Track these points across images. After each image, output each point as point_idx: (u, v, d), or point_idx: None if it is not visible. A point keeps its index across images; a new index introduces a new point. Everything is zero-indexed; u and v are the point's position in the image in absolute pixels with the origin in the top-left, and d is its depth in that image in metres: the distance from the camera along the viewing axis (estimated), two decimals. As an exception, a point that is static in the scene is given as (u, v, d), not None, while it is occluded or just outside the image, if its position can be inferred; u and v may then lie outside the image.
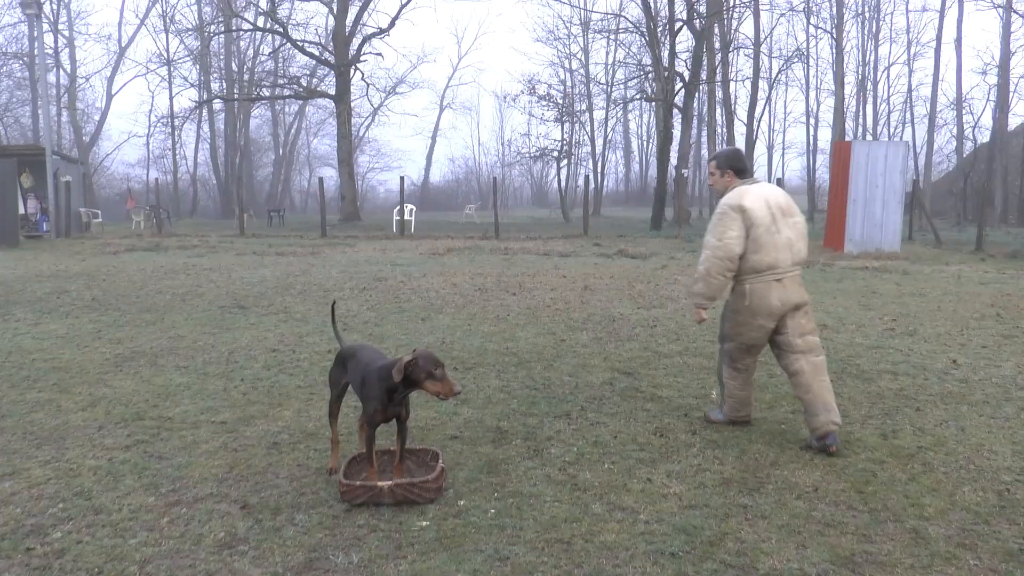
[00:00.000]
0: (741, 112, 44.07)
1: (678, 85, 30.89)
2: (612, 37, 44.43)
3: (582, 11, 45.00)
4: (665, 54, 30.27)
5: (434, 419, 5.40)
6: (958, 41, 39.72)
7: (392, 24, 36.01)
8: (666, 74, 29.95)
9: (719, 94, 36.04)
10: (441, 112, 69.41)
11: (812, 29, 47.14)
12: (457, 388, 3.96)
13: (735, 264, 5.03)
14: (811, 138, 52.58)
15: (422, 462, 4.48)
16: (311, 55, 37.64)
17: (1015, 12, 35.83)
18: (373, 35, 36.60)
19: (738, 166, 5.27)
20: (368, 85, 41.62)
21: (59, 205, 23.92)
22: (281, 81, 42.38)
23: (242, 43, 50.36)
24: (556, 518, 3.85)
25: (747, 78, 41.67)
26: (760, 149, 51.39)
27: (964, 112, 42.88)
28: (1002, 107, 38.08)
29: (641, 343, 7.95)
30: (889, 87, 53.12)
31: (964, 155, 42.45)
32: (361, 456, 4.46)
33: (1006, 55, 38.45)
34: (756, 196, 5.05)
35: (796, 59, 45.93)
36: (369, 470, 4.14)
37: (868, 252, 18.33)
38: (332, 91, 37.22)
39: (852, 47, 49.28)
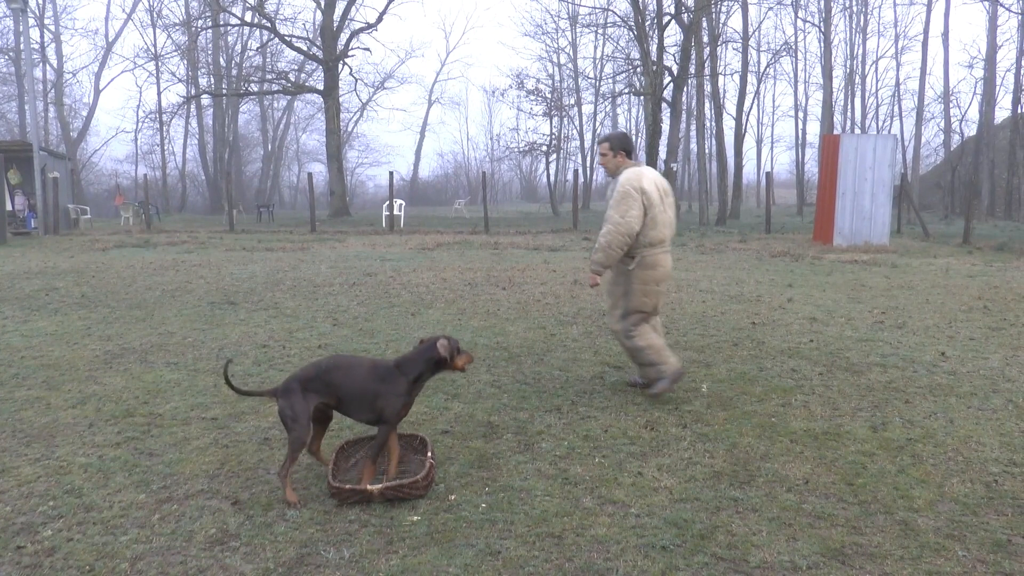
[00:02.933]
0: (730, 106, 44.20)
1: (666, 79, 30.89)
2: (600, 31, 44.47)
3: (570, 5, 44.90)
4: (653, 48, 30.26)
5: (425, 414, 5.40)
6: (945, 35, 39.87)
7: (380, 19, 35.88)
8: (654, 68, 29.95)
9: (708, 88, 36.06)
10: (430, 107, 69.50)
11: (800, 23, 47.34)
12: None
13: (632, 240, 5.65)
14: (800, 132, 52.83)
15: (409, 447, 4.50)
16: (299, 50, 37.48)
17: (1001, 5, 35.96)
18: (361, 30, 36.45)
19: (628, 148, 5.90)
20: (356, 80, 41.42)
21: (47, 201, 23.79)
22: (269, 76, 42.23)
23: (230, 38, 50.18)
24: (547, 512, 3.86)
25: (736, 72, 41.73)
26: (749, 143, 51.51)
27: (951, 106, 43.12)
28: (988, 100, 38.21)
29: (631, 337, 7.95)
30: (877, 81, 53.35)
31: (951, 148, 42.65)
32: (349, 444, 4.47)
33: (992, 48, 38.58)
34: (649, 179, 5.71)
35: (784, 53, 46.04)
36: (368, 468, 4.07)
37: (857, 245, 18.40)
38: (320, 86, 37.06)
39: (840, 41, 49.47)
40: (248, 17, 40.13)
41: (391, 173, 27.54)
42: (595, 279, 5.83)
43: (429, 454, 4.20)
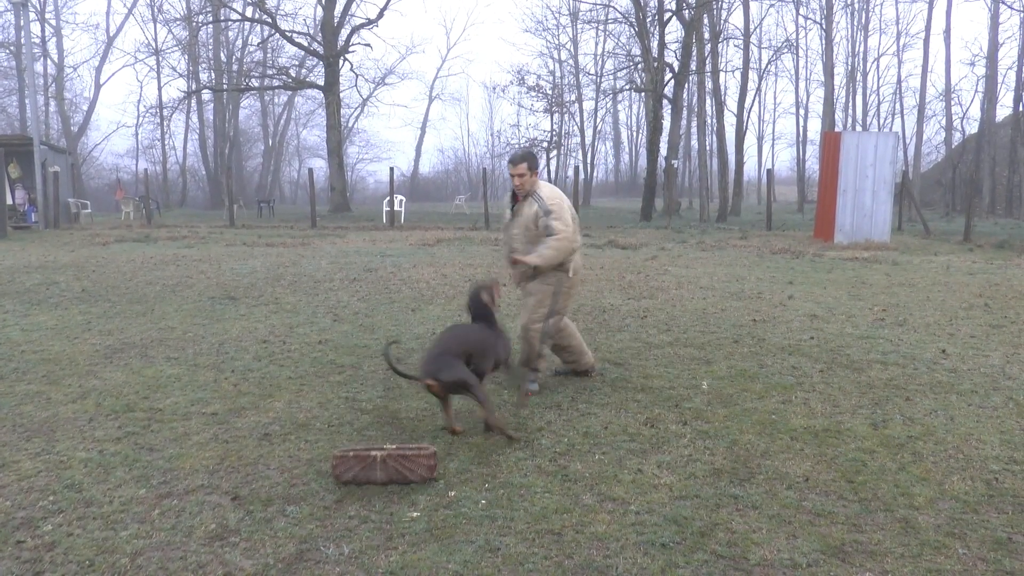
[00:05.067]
0: (731, 103, 44.07)
1: (667, 76, 30.88)
2: (601, 27, 44.47)
3: (571, 1, 44.89)
4: (654, 44, 30.24)
5: (425, 410, 5.40)
6: (947, 32, 39.80)
7: (381, 14, 35.80)
8: (655, 65, 29.93)
9: (709, 85, 36.02)
10: (430, 103, 69.24)
11: (801, 20, 47.25)
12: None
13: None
14: (801, 129, 52.78)
15: (417, 455, 4.48)
16: (300, 45, 37.40)
17: (1003, 3, 35.91)
18: (362, 25, 36.38)
19: (538, 166, 6.12)
20: (357, 76, 41.36)
21: (47, 196, 23.78)
22: (270, 71, 42.17)
23: (231, 33, 50.08)
24: (547, 509, 3.86)
25: (737, 68, 41.71)
26: (750, 140, 51.43)
27: (952, 103, 43.02)
28: (990, 98, 38.16)
29: (631, 334, 7.96)
30: (879, 78, 53.25)
31: (952, 146, 42.60)
32: (347, 453, 4.46)
33: (994, 46, 38.51)
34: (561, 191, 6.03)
35: (786, 50, 46.02)
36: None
37: (858, 243, 18.39)
38: (321, 82, 37.02)
39: (841, 38, 49.31)
40: (249, 12, 40.09)
41: (391, 169, 27.53)
42: (521, 262, 5.82)
43: (432, 449, 4.20)
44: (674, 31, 34.46)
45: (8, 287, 10.91)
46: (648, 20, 30.75)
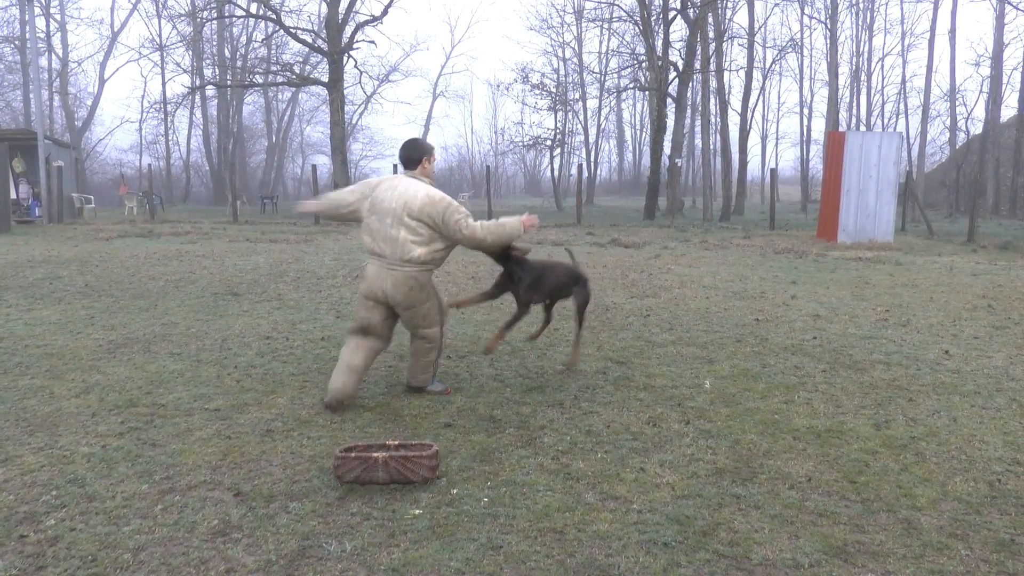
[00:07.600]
0: (735, 102, 44.01)
1: (672, 74, 30.87)
2: (606, 26, 44.40)
3: (576, -1, 44.86)
4: (659, 43, 30.23)
5: (427, 407, 5.40)
6: (952, 32, 39.77)
7: (385, 12, 35.72)
8: (660, 63, 29.92)
9: (713, 84, 36.00)
10: (434, 100, 69.18)
11: (806, 19, 47.24)
12: None
13: None
14: (805, 129, 52.73)
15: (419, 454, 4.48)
16: (304, 42, 37.35)
17: (1009, 3, 35.82)
18: (366, 23, 36.34)
19: None
20: (361, 73, 41.31)
21: (51, 190, 23.80)
22: (274, 68, 42.10)
23: (235, 29, 50.07)
24: (549, 507, 3.85)
25: (741, 68, 41.62)
26: (754, 139, 51.41)
27: (957, 103, 42.96)
28: (995, 99, 38.13)
29: (634, 332, 7.96)
30: (883, 78, 53.07)
31: (957, 147, 42.54)
32: (358, 448, 4.47)
33: (999, 47, 38.46)
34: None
35: (790, 49, 45.99)
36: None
37: (861, 243, 18.38)
38: (325, 78, 36.95)
39: (846, 38, 49.36)
40: (253, 9, 40.02)
41: (395, 166, 27.51)
42: None
43: (434, 447, 4.20)
44: (679, 30, 34.45)
45: (12, 281, 10.92)
46: (653, 19, 30.73)
